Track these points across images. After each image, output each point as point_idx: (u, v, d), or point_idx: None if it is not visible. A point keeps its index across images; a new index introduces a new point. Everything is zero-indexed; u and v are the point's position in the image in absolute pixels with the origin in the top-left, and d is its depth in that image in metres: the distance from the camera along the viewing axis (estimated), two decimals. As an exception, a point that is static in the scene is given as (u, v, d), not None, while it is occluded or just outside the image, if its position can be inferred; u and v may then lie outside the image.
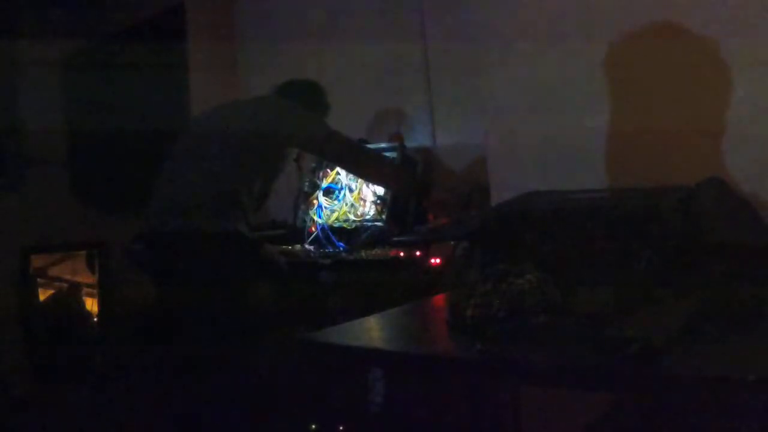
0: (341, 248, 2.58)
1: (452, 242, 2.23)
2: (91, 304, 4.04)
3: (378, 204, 2.68)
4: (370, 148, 2.74)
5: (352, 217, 2.71)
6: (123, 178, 3.79)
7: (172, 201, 2.37)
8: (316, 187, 2.85)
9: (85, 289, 4.05)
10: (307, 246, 2.68)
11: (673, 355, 1.10)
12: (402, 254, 2.33)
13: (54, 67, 4.17)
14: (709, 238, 1.49)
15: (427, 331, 1.63)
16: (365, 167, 2.57)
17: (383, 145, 2.84)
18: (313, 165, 2.87)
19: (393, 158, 2.72)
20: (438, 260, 2.24)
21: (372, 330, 1.58)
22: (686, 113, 1.89)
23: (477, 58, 2.33)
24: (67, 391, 3.61)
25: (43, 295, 3.97)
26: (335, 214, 2.74)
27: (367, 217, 2.68)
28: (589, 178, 2.01)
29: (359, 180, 2.73)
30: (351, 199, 2.74)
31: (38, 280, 3.96)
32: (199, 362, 2.32)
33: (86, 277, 4.06)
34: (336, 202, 2.77)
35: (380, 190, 2.68)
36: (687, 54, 1.88)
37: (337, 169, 2.79)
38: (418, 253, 2.30)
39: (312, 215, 2.78)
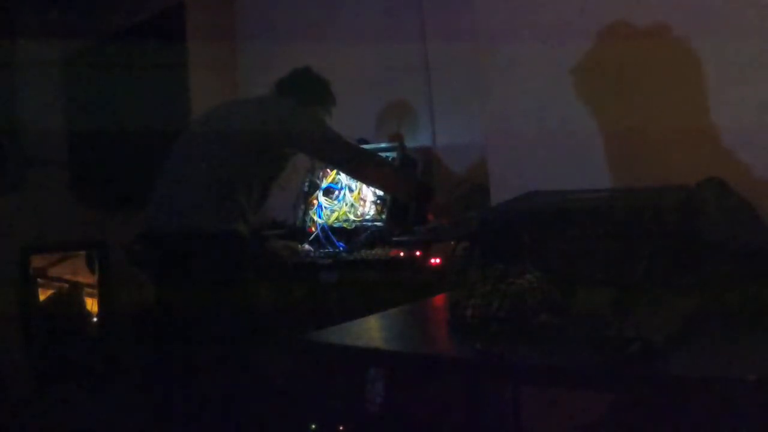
0: (341, 248, 2.58)
1: (452, 242, 2.23)
2: (91, 304, 4.04)
3: (378, 204, 2.68)
4: (369, 151, 2.72)
5: (352, 217, 2.71)
6: (123, 178, 3.79)
7: (171, 201, 2.37)
8: (316, 187, 2.85)
9: (85, 289, 4.05)
10: (307, 246, 2.68)
11: (673, 355, 1.10)
12: (402, 254, 2.33)
13: (54, 67, 4.18)
14: (709, 238, 1.49)
15: (427, 331, 1.63)
16: (363, 171, 2.54)
17: (383, 145, 2.84)
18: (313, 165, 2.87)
19: (392, 159, 2.71)
20: (438, 260, 2.24)
21: (372, 330, 1.58)
22: (687, 113, 1.89)
23: (477, 58, 2.33)
24: (67, 391, 3.61)
25: (43, 295, 3.97)
26: (335, 214, 2.74)
27: (367, 217, 2.68)
28: (589, 178, 2.00)
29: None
30: (351, 199, 2.74)
31: (38, 280, 3.96)
32: (199, 362, 2.32)
33: (86, 277, 4.07)
34: (336, 202, 2.78)
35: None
36: (687, 54, 1.88)
37: (337, 169, 2.79)
38: (418, 253, 2.30)
39: (312, 215, 2.79)
